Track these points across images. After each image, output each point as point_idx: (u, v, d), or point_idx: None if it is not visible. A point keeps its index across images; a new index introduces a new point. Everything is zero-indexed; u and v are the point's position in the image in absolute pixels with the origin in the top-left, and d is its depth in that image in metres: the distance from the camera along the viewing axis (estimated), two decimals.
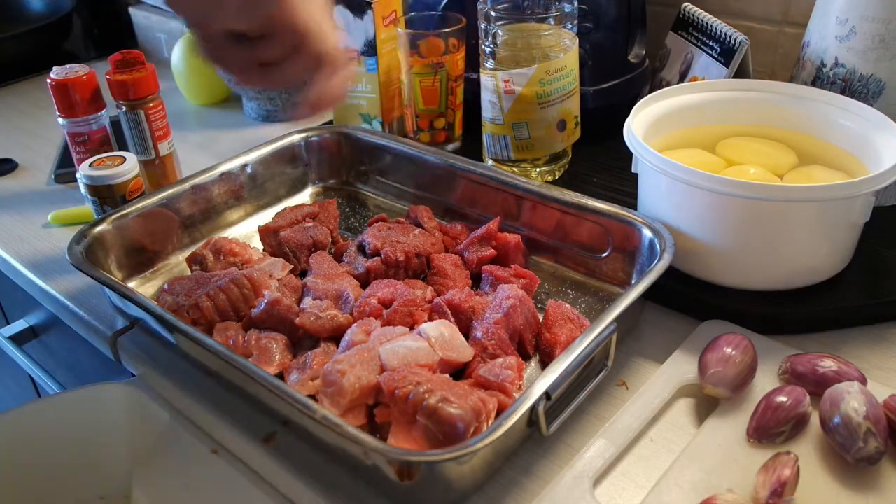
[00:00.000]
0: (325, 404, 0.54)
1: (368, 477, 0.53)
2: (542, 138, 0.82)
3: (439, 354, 0.58)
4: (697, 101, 0.77)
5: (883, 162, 0.64)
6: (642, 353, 0.64)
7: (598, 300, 0.70)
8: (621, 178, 0.83)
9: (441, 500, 0.51)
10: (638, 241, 0.68)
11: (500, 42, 0.80)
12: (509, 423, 0.48)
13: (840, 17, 0.75)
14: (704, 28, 0.88)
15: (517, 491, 0.52)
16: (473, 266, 0.72)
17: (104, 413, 0.72)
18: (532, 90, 0.79)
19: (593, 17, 0.89)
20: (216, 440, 0.62)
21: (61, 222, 0.88)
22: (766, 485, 0.48)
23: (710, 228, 0.65)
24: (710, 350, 0.58)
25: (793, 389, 0.54)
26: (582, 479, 0.51)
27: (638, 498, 0.50)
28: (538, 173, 0.85)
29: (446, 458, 0.46)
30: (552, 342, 0.61)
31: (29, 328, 1.01)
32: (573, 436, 0.56)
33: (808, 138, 0.75)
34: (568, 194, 0.72)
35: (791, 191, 0.61)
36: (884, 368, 0.61)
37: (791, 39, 0.96)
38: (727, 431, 0.54)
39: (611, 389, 0.60)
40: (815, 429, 0.54)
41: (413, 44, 0.87)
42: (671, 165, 0.63)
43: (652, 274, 0.60)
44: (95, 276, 0.65)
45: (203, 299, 0.65)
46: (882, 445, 0.49)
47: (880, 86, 0.74)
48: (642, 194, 0.72)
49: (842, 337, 0.64)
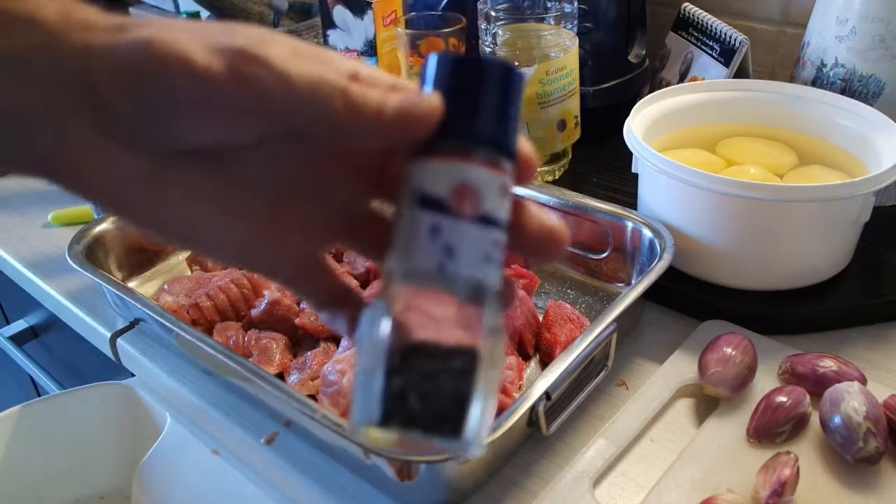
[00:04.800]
0: (325, 404, 0.54)
1: (368, 477, 0.53)
2: (542, 138, 0.82)
3: None
4: (697, 101, 0.77)
5: (883, 162, 0.64)
6: (642, 353, 0.64)
7: (598, 300, 0.70)
8: (621, 178, 0.83)
9: (441, 499, 0.51)
10: (638, 241, 0.68)
11: (500, 42, 0.80)
12: (509, 423, 0.48)
13: (840, 17, 0.75)
14: (704, 28, 0.88)
15: (517, 491, 0.52)
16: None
17: (104, 413, 0.72)
18: (532, 90, 0.79)
19: (593, 17, 0.89)
20: (216, 440, 0.62)
21: (61, 222, 0.88)
22: (766, 485, 0.48)
23: (710, 228, 0.65)
24: (709, 350, 0.58)
25: (793, 389, 0.54)
26: (582, 479, 0.51)
27: (638, 498, 0.50)
28: (538, 173, 0.85)
29: (446, 458, 0.46)
30: (552, 342, 0.61)
31: (29, 328, 1.01)
32: (573, 436, 0.56)
33: (808, 138, 0.75)
34: (568, 194, 0.72)
35: (791, 191, 0.61)
36: (884, 368, 0.61)
37: (791, 39, 0.96)
38: (727, 431, 0.54)
39: (611, 389, 0.60)
40: (815, 429, 0.54)
41: (413, 44, 0.87)
42: (671, 165, 0.63)
43: (652, 274, 0.60)
44: (95, 276, 0.65)
45: (203, 299, 0.65)
46: (882, 445, 0.49)
47: (880, 86, 0.74)
48: (642, 194, 0.72)
49: (842, 337, 0.64)
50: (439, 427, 0.25)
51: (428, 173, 0.27)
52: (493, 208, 0.27)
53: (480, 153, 0.27)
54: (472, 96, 0.27)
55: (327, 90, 0.26)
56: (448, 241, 0.26)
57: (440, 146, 0.27)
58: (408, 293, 0.26)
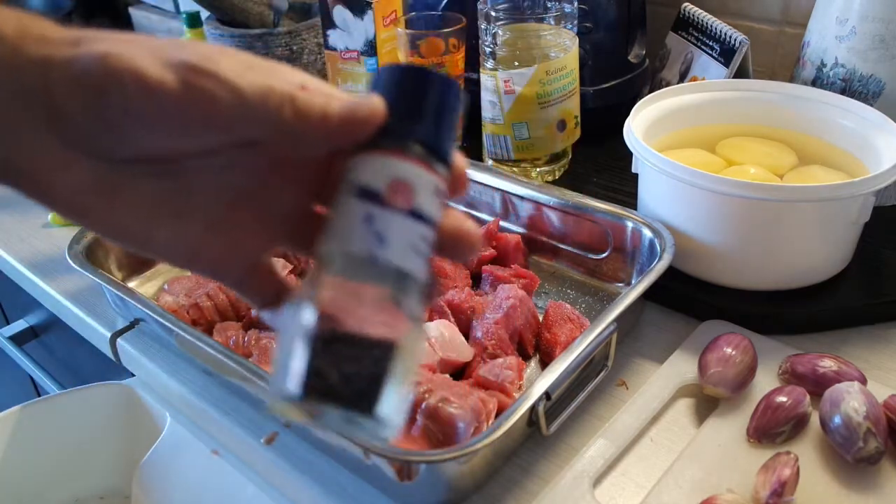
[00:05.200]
0: None
1: (368, 477, 0.53)
2: (542, 138, 0.82)
3: (439, 354, 0.58)
4: (697, 101, 0.77)
5: (883, 162, 0.64)
6: (642, 353, 0.64)
7: (598, 300, 0.70)
8: (621, 178, 0.83)
9: (441, 499, 0.51)
10: (638, 241, 0.68)
11: (500, 42, 0.80)
12: (509, 423, 0.48)
13: (840, 17, 0.75)
14: (704, 28, 0.88)
15: (517, 491, 0.52)
16: (473, 266, 0.72)
17: (104, 413, 0.72)
18: (532, 90, 0.79)
19: (593, 17, 0.89)
20: (216, 440, 0.62)
21: (61, 222, 0.88)
22: (766, 485, 0.48)
23: (710, 228, 0.65)
24: (709, 350, 0.58)
25: (793, 389, 0.54)
26: (582, 479, 0.51)
27: (638, 498, 0.50)
28: (538, 173, 0.85)
29: (446, 458, 0.46)
30: (552, 342, 0.61)
31: (29, 328, 1.01)
32: (573, 436, 0.56)
33: (808, 138, 0.75)
34: (568, 194, 0.72)
35: (791, 191, 0.61)
36: (884, 368, 0.61)
37: (791, 39, 0.96)
38: (727, 431, 0.54)
39: (611, 389, 0.60)
40: (815, 429, 0.54)
41: (413, 44, 0.87)
42: (671, 165, 0.63)
43: (652, 274, 0.60)
44: (95, 276, 0.65)
45: (203, 299, 0.65)
46: (882, 445, 0.49)
47: (880, 86, 0.74)
48: (642, 194, 0.72)
49: (842, 337, 0.64)
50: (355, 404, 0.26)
51: (367, 168, 0.29)
52: (425, 205, 0.29)
53: (417, 153, 0.29)
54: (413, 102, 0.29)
55: (277, 99, 0.27)
56: (380, 229, 0.28)
57: (381, 144, 0.29)
58: (335, 280, 0.28)
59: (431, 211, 0.29)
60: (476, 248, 0.33)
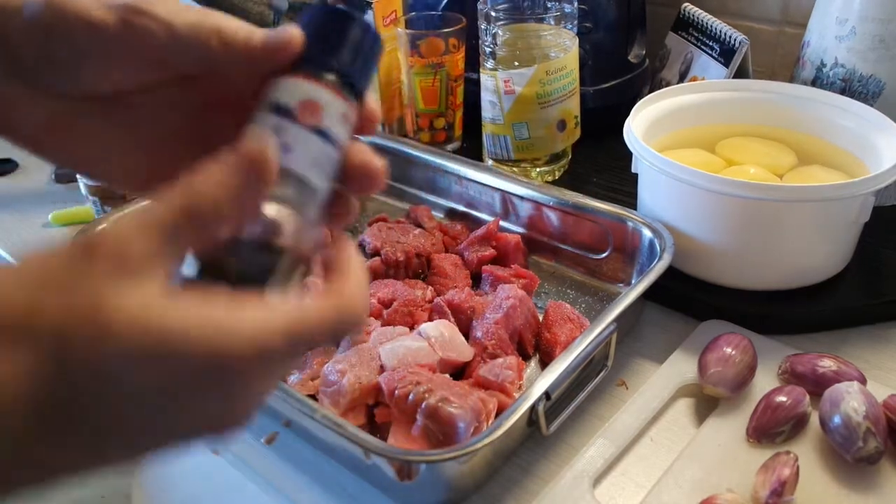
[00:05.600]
0: (325, 404, 0.54)
1: (368, 477, 0.53)
2: (542, 138, 0.82)
3: (439, 354, 0.58)
4: (697, 101, 0.77)
5: (883, 162, 0.64)
6: (642, 353, 0.64)
7: (598, 300, 0.70)
8: (621, 178, 0.83)
9: (441, 499, 0.51)
10: (638, 241, 0.68)
11: (500, 42, 0.80)
12: (509, 423, 0.48)
13: (840, 17, 0.75)
14: (704, 28, 0.88)
15: (517, 490, 0.52)
16: (473, 266, 0.72)
17: None
18: (532, 90, 0.79)
19: (593, 17, 0.89)
20: None
21: (62, 222, 0.88)
22: (765, 484, 0.48)
23: (710, 228, 0.65)
24: (709, 350, 0.58)
25: (792, 389, 0.54)
26: (582, 479, 0.51)
27: (638, 498, 0.50)
28: (538, 173, 0.85)
29: (446, 457, 0.46)
30: (552, 342, 0.61)
31: None
32: (573, 435, 0.56)
33: (808, 138, 0.75)
34: (568, 194, 0.72)
35: (791, 191, 0.61)
36: (884, 368, 0.61)
37: (791, 39, 0.96)
38: (727, 431, 0.54)
39: (611, 389, 0.60)
40: (814, 429, 0.54)
41: (413, 44, 0.87)
42: (671, 165, 0.63)
43: (652, 274, 0.60)
44: None
45: None
46: (882, 445, 0.49)
47: (880, 86, 0.74)
48: (642, 194, 0.72)
49: (842, 337, 0.64)
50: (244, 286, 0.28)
51: (282, 88, 0.31)
52: (332, 127, 0.31)
53: (329, 80, 0.32)
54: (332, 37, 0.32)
55: (205, 32, 0.31)
56: (287, 140, 0.30)
57: (298, 70, 0.32)
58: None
59: (338, 134, 0.32)
60: (379, 182, 0.34)
